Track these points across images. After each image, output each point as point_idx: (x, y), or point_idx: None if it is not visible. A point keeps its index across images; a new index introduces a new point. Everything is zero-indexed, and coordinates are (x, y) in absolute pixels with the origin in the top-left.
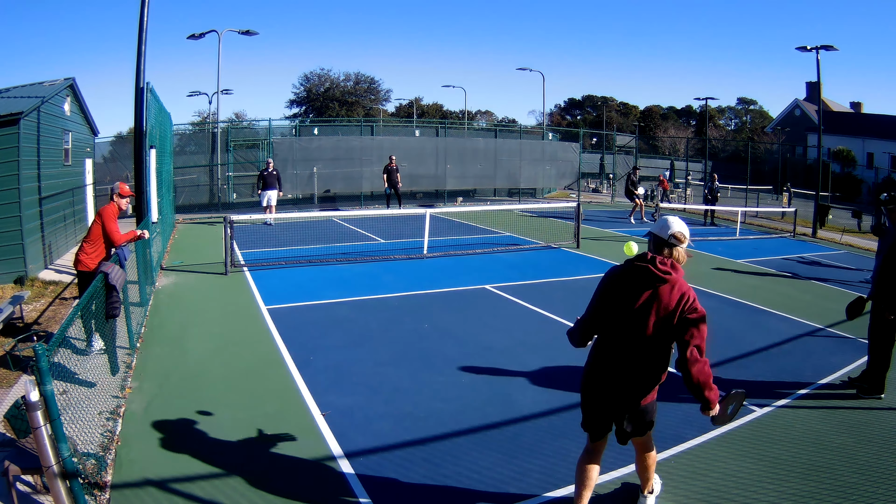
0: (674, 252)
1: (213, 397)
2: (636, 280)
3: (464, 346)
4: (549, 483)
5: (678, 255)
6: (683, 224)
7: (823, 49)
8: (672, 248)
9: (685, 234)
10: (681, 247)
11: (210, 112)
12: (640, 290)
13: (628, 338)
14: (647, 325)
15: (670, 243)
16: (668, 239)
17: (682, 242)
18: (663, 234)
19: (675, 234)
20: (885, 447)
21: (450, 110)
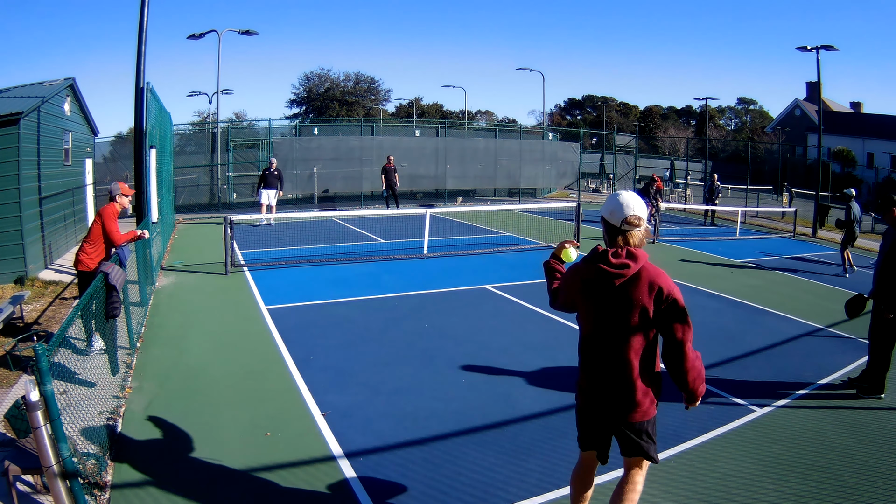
0: (630, 238)
1: (213, 397)
2: (594, 281)
3: (464, 346)
4: (549, 483)
5: (634, 239)
6: (637, 200)
7: (823, 49)
8: (626, 234)
9: (641, 215)
10: (636, 230)
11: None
12: (601, 292)
13: (604, 344)
14: (619, 328)
15: (623, 230)
16: (620, 226)
17: (637, 226)
18: (615, 220)
19: (629, 219)
20: (885, 447)
21: (450, 110)
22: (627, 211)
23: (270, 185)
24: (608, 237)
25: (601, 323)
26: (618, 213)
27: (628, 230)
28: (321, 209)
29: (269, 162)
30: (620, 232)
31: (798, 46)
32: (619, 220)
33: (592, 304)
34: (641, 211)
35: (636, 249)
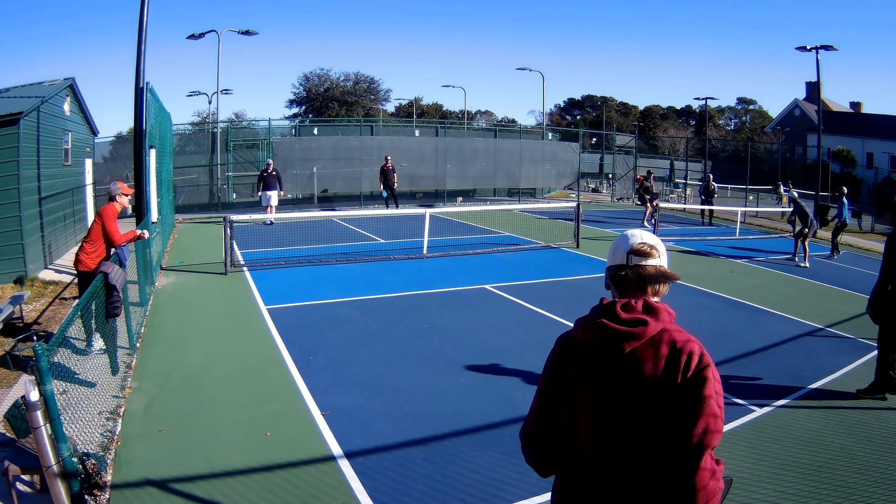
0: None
1: (213, 397)
2: (593, 349)
3: (464, 346)
4: (548, 483)
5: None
6: (648, 233)
7: (823, 49)
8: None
9: (654, 243)
10: (652, 262)
11: (210, 112)
12: (603, 365)
13: (606, 453)
14: (630, 423)
15: (630, 266)
16: (626, 262)
17: (651, 256)
18: (618, 257)
19: (637, 248)
20: (885, 447)
21: (450, 110)
22: (633, 239)
23: (271, 186)
24: (616, 289)
25: (605, 416)
26: (621, 246)
27: (639, 263)
28: (321, 209)
29: (266, 163)
30: (628, 271)
31: (798, 46)
32: (623, 254)
33: (590, 385)
34: (654, 239)
35: (656, 302)
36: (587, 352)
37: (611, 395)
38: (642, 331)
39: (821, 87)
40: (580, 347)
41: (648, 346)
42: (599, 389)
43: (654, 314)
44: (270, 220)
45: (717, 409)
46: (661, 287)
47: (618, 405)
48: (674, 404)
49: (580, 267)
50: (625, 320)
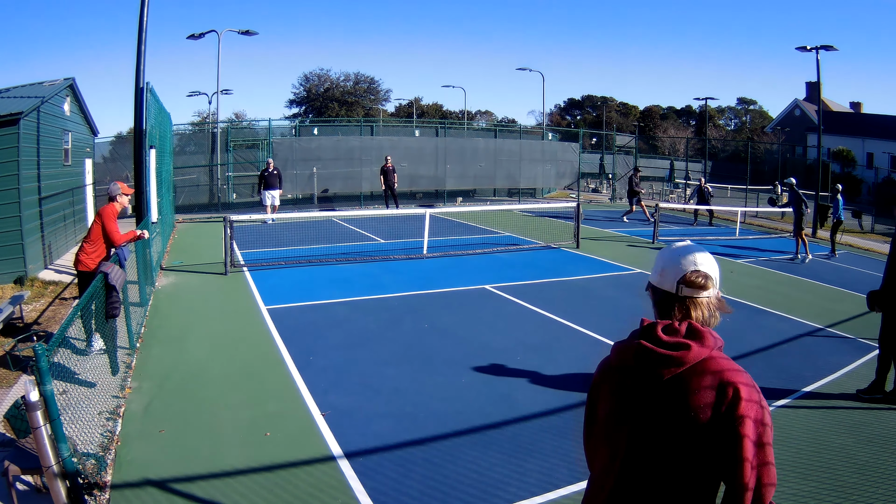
0: (692, 309)
1: (213, 397)
2: (628, 372)
3: (464, 346)
4: (549, 483)
5: (703, 312)
6: (705, 255)
7: (823, 49)
8: (687, 304)
9: (710, 271)
10: (705, 294)
11: (210, 112)
12: (638, 389)
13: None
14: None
15: (681, 297)
16: (676, 291)
17: (704, 289)
18: (667, 282)
19: (689, 277)
20: (885, 447)
21: (450, 110)
22: (686, 265)
23: (272, 186)
24: (658, 310)
25: (637, 445)
26: (669, 269)
27: (691, 296)
28: (321, 209)
29: (267, 163)
30: (677, 301)
31: (798, 46)
32: (672, 282)
33: (621, 410)
34: (710, 265)
35: (703, 327)
36: (623, 376)
37: (644, 426)
38: (684, 356)
39: (821, 87)
40: (615, 371)
41: (690, 374)
42: (633, 418)
43: (699, 339)
44: (272, 218)
45: (770, 457)
46: (712, 319)
47: (651, 438)
48: (716, 446)
49: (580, 267)
50: (666, 343)
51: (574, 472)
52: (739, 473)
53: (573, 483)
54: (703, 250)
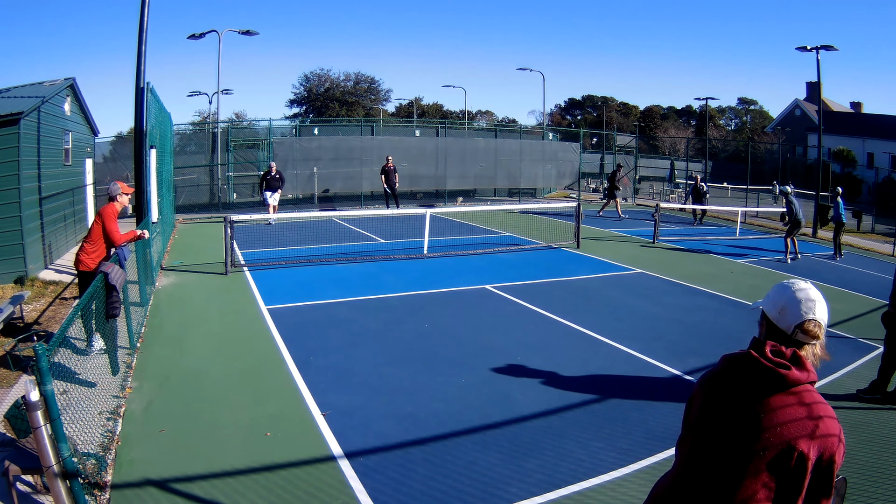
0: (801, 350)
1: (213, 397)
2: (727, 380)
3: (464, 346)
4: (549, 483)
5: (809, 354)
6: (825, 306)
7: (823, 49)
8: (800, 344)
9: (823, 320)
10: (817, 343)
11: (210, 112)
12: (731, 399)
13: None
14: (733, 470)
15: (795, 339)
16: (791, 333)
17: (817, 338)
18: (782, 322)
19: (807, 327)
20: (886, 447)
21: (450, 110)
22: (805, 312)
23: (273, 188)
24: (768, 334)
25: (706, 450)
26: (791, 311)
27: (804, 341)
28: (321, 209)
29: (269, 166)
30: (790, 341)
31: (798, 46)
32: (790, 324)
33: (708, 417)
34: (823, 313)
35: (807, 360)
36: (718, 382)
37: (725, 430)
38: (786, 374)
39: (821, 87)
40: (720, 374)
41: (787, 395)
42: (715, 421)
43: (801, 366)
44: (272, 219)
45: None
46: (814, 360)
47: (726, 442)
48: (796, 474)
49: (581, 267)
50: (770, 359)
51: (575, 472)
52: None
53: (574, 483)
54: (822, 298)
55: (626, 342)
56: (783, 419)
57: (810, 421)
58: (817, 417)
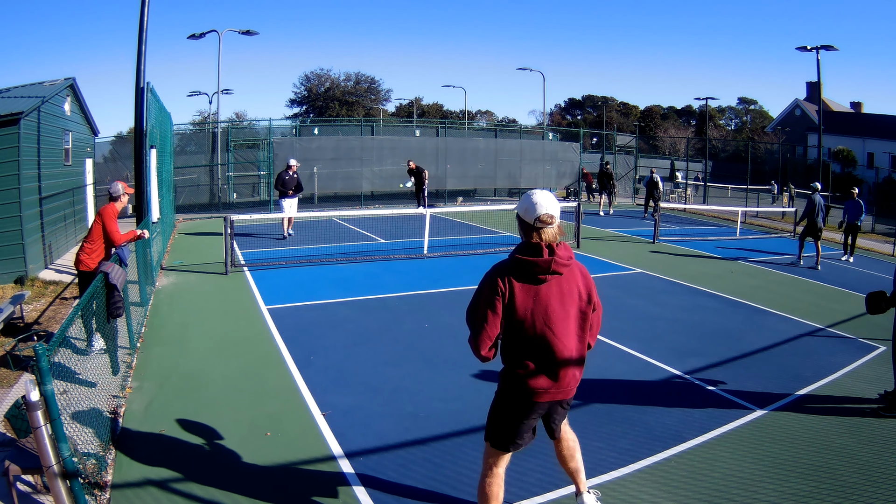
0: (545, 234)
1: (213, 397)
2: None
3: (464, 346)
4: (548, 483)
5: (549, 236)
6: (548, 196)
7: (823, 49)
8: (541, 230)
9: (555, 213)
10: (551, 229)
11: (210, 112)
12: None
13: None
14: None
15: (536, 226)
16: (533, 223)
17: (551, 224)
18: (528, 218)
19: (542, 217)
20: (886, 447)
21: (450, 110)
22: (539, 209)
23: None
24: (523, 233)
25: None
26: (530, 210)
27: (541, 227)
28: (321, 209)
29: (288, 165)
30: (534, 229)
31: (798, 46)
32: (532, 218)
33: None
34: (554, 207)
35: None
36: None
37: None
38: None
39: (821, 87)
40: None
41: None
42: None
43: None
44: (289, 232)
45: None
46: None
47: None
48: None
49: None
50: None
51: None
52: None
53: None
54: (549, 198)
55: (626, 342)
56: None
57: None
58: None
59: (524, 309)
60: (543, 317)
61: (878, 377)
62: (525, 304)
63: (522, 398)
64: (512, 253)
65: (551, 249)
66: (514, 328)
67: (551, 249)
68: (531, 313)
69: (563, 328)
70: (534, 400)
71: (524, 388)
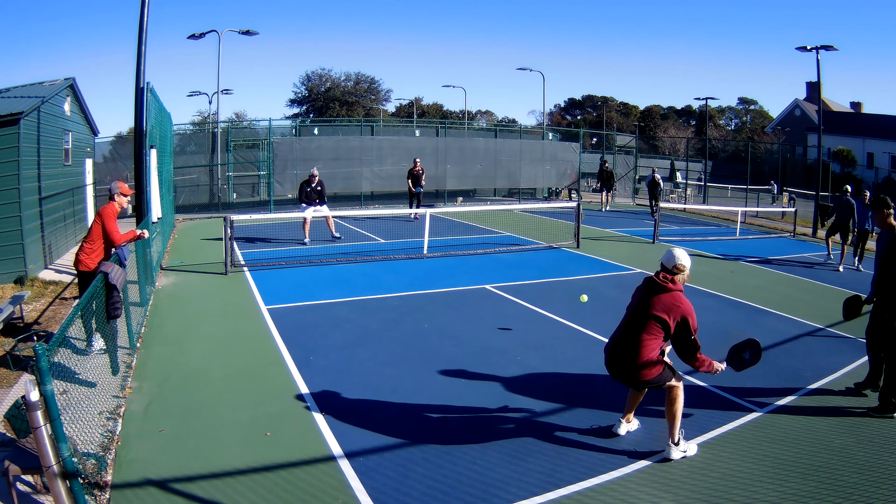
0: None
1: (213, 397)
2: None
3: (464, 346)
4: (549, 483)
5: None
6: (684, 254)
7: (823, 49)
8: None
9: (685, 264)
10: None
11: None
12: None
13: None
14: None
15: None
16: (672, 268)
17: (682, 271)
18: (670, 263)
19: (678, 265)
20: (885, 447)
21: (450, 110)
22: (678, 260)
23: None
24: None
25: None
26: (668, 260)
27: (677, 273)
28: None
29: (310, 175)
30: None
31: (798, 46)
32: (671, 266)
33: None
34: (686, 261)
35: (679, 280)
36: (643, 284)
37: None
38: (666, 285)
39: (821, 87)
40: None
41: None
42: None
43: (674, 282)
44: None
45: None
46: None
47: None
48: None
49: (581, 267)
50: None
51: (574, 472)
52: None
53: (574, 483)
54: (684, 254)
55: None
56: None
57: (673, 304)
58: (678, 302)
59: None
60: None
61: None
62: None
63: None
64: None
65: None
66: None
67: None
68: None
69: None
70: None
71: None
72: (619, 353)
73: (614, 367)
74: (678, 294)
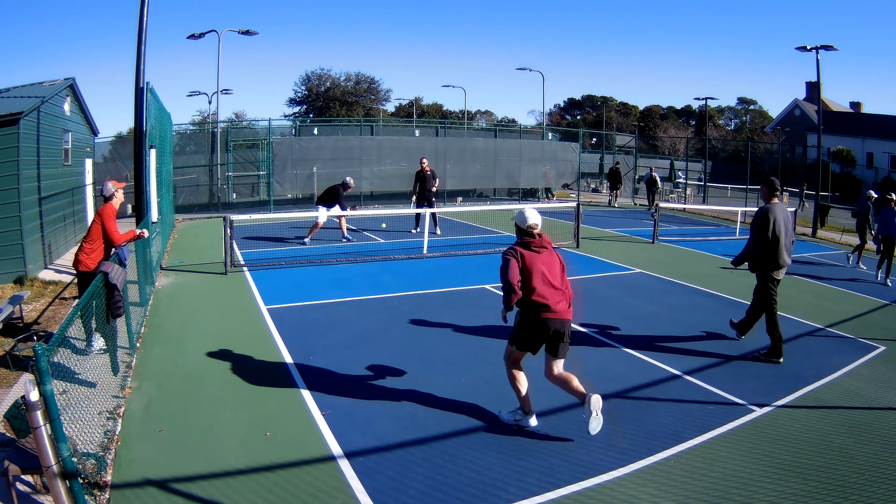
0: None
1: (213, 397)
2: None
3: (464, 346)
4: (548, 483)
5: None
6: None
7: (823, 49)
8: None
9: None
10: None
11: (210, 112)
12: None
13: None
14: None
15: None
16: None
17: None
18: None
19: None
20: (885, 447)
21: (450, 110)
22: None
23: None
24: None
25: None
26: (522, 220)
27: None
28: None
29: (345, 182)
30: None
31: (798, 46)
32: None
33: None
34: (537, 219)
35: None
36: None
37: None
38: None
39: (821, 87)
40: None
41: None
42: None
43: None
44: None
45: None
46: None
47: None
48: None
49: (580, 267)
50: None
51: (574, 472)
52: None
53: (573, 483)
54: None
55: (626, 342)
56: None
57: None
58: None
59: (530, 264)
60: (543, 268)
61: (877, 377)
62: (531, 262)
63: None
64: (518, 239)
65: (539, 236)
66: (526, 275)
67: (539, 236)
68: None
69: (552, 275)
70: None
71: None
72: (566, 309)
73: (564, 324)
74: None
